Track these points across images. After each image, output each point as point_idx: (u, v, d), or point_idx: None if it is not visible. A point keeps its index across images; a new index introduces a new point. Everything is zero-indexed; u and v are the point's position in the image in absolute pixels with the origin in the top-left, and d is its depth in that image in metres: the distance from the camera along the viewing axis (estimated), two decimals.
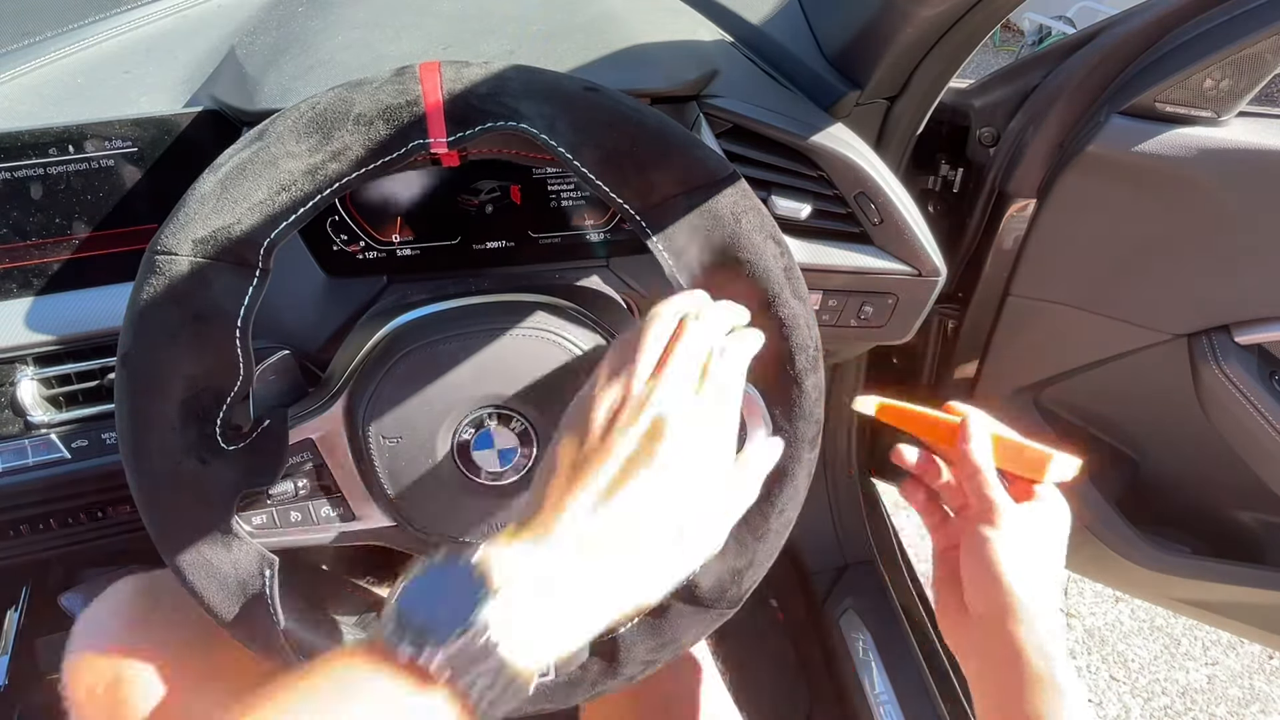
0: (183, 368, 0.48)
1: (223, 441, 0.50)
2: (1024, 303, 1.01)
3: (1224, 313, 0.92)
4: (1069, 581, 1.88)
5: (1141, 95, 0.84)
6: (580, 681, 0.60)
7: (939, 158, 1.01)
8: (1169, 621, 1.76)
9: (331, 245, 0.70)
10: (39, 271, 0.67)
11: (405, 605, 0.35)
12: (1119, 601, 1.83)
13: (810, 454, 0.59)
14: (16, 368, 0.67)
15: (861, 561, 1.51)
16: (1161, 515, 1.05)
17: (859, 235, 0.76)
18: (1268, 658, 1.69)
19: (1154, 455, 1.07)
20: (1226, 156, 0.83)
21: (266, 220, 0.47)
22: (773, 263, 0.53)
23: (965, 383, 1.15)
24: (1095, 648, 1.75)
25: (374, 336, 0.55)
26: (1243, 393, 0.91)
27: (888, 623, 1.38)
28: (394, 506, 0.54)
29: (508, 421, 0.54)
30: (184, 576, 0.51)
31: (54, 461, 0.69)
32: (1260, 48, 0.78)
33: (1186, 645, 1.72)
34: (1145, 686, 1.67)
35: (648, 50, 0.77)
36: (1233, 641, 1.72)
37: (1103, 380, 1.03)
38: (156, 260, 0.46)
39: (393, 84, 0.49)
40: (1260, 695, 1.62)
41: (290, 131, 0.48)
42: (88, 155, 0.65)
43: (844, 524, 1.52)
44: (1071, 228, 0.93)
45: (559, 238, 0.74)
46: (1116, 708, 1.64)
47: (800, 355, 0.55)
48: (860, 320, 0.79)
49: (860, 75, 0.77)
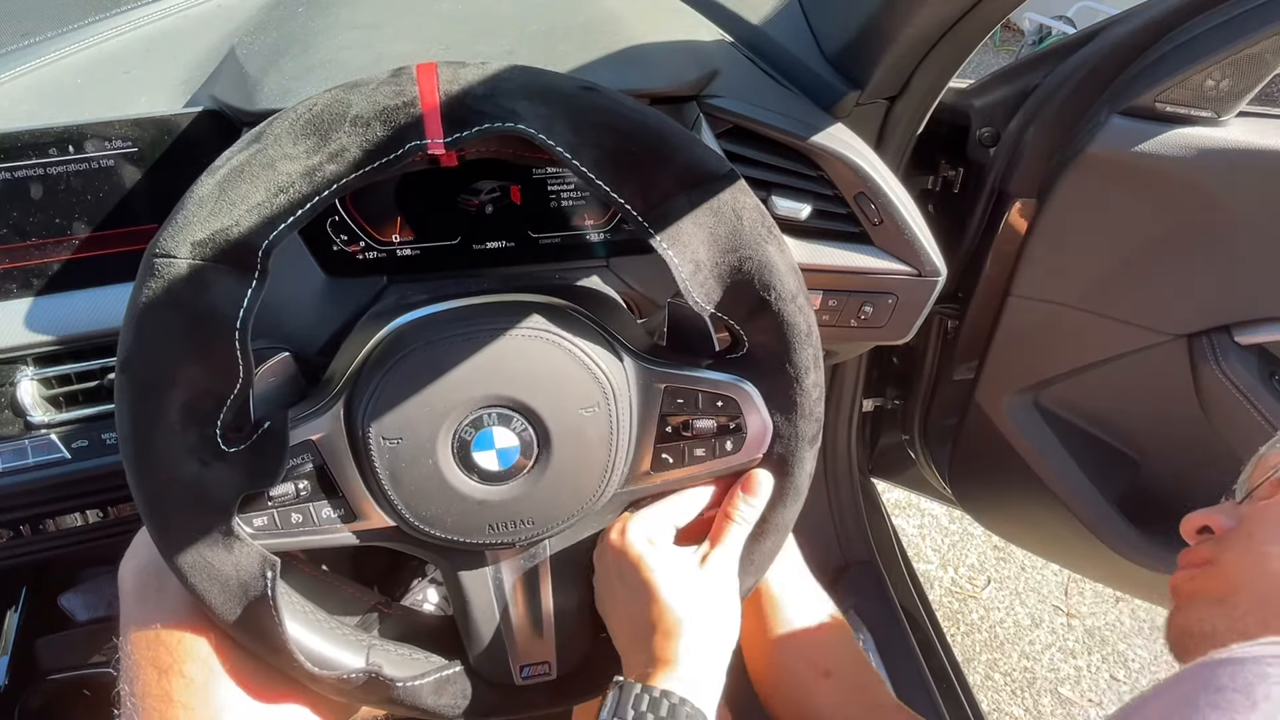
0: (183, 370, 0.47)
1: (223, 444, 0.50)
2: (1024, 303, 1.01)
3: (1224, 313, 0.92)
4: (1069, 581, 1.88)
5: (1141, 95, 0.84)
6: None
7: (939, 158, 1.01)
8: None
9: (331, 245, 0.70)
10: (39, 271, 0.67)
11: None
12: (1119, 601, 1.83)
13: (810, 452, 0.59)
14: (16, 368, 0.67)
15: (861, 561, 1.51)
16: (1161, 515, 1.05)
17: (859, 235, 0.76)
18: None
19: (1154, 455, 1.07)
20: (1226, 156, 0.83)
21: (265, 222, 0.47)
22: (773, 260, 0.53)
23: (965, 383, 1.15)
24: (1095, 648, 1.75)
25: (374, 337, 0.55)
26: (1243, 393, 0.91)
27: (888, 623, 1.38)
28: (394, 507, 0.54)
29: (508, 422, 0.54)
30: (185, 578, 0.51)
31: (54, 461, 0.69)
32: (1260, 48, 0.78)
33: None
34: (1145, 686, 1.67)
35: (647, 50, 0.77)
36: None
37: (1103, 380, 1.03)
38: (155, 263, 0.46)
39: (390, 85, 0.49)
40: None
41: (287, 133, 0.48)
42: (88, 155, 0.65)
43: (844, 524, 1.52)
44: (1071, 228, 0.93)
45: (559, 238, 0.74)
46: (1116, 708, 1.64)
47: (800, 354, 0.55)
48: (860, 320, 0.79)
49: (860, 75, 0.77)
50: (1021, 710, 1.63)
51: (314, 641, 0.56)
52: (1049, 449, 1.09)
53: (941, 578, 1.89)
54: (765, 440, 0.57)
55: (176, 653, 0.54)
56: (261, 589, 0.51)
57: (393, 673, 0.58)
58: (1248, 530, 0.55)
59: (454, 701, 0.61)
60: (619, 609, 0.58)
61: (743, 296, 0.53)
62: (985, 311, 1.05)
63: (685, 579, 0.56)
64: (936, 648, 1.41)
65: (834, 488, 1.49)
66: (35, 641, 1.06)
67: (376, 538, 0.57)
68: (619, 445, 0.56)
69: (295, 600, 0.57)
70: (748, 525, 0.59)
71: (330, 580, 0.63)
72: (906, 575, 1.53)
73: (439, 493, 0.54)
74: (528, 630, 0.61)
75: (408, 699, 0.59)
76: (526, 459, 0.55)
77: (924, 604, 1.49)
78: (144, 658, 0.55)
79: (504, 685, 0.62)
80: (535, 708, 0.64)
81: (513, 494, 0.55)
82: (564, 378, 0.54)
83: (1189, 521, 0.61)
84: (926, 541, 1.97)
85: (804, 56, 0.82)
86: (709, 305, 0.53)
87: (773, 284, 0.53)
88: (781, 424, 0.57)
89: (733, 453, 0.57)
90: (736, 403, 0.56)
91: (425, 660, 0.61)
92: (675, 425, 0.57)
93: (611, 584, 0.58)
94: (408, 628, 0.64)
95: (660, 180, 0.51)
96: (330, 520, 0.55)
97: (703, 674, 0.53)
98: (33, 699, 1.05)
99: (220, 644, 0.55)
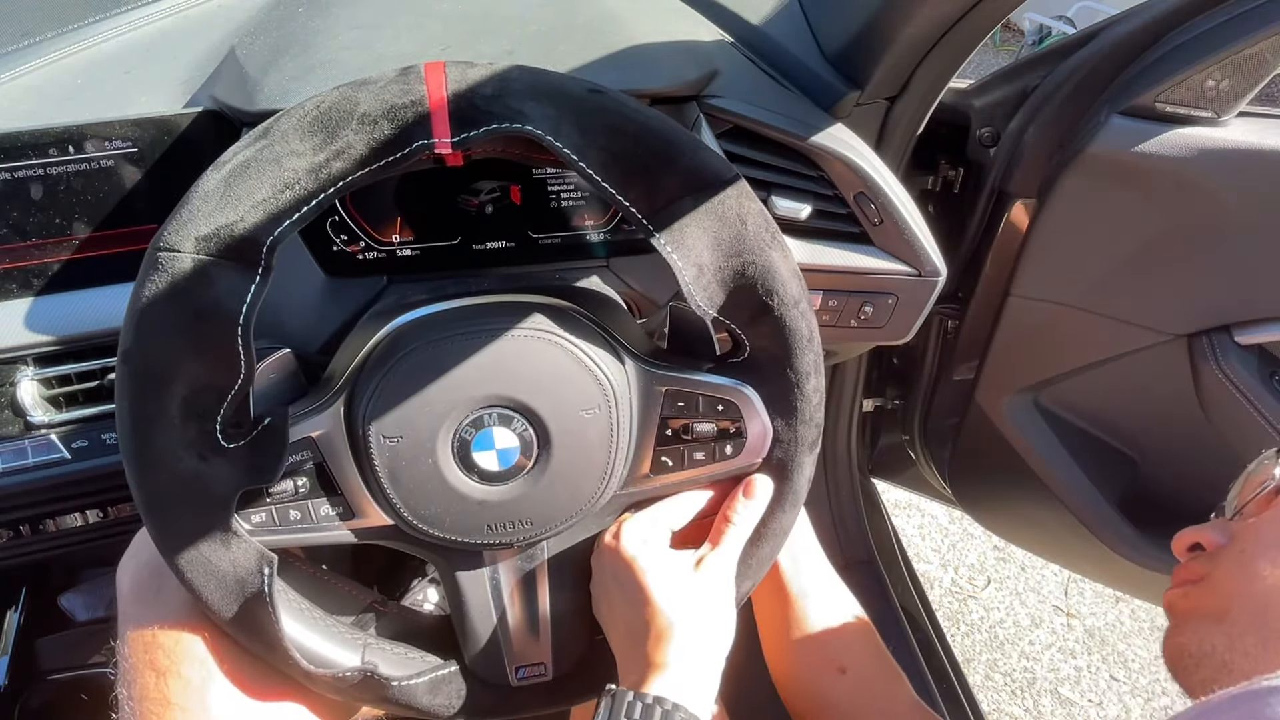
0: (184, 365, 0.47)
1: (223, 439, 0.50)
2: (1024, 303, 1.01)
3: (1224, 313, 0.92)
4: (1069, 581, 1.88)
5: (1141, 95, 0.84)
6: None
7: (939, 158, 1.01)
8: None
9: (331, 245, 0.70)
10: (39, 271, 0.67)
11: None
12: (1119, 601, 1.83)
13: (810, 457, 0.59)
14: (16, 368, 0.67)
15: (861, 561, 1.51)
16: (1161, 515, 1.05)
17: (859, 235, 0.76)
18: None
19: (1154, 455, 1.07)
20: (1226, 156, 0.83)
21: (269, 218, 0.47)
22: (776, 265, 0.53)
23: (965, 383, 1.15)
24: (1095, 648, 1.75)
25: (374, 336, 0.55)
26: (1243, 393, 0.91)
27: (888, 623, 1.38)
28: (393, 506, 0.54)
29: (508, 422, 0.54)
30: (182, 574, 0.51)
31: (54, 462, 0.69)
32: (1260, 48, 0.78)
33: None
34: (1145, 686, 1.67)
35: (648, 50, 0.77)
36: None
37: (1103, 380, 1.03)
38: (159, 257, 0.46)
39: (398, 83, 0.49)
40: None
41: (294, 130, 0.48)
42: (88, 155, 0.65)
43: (844, 524, 1.52)
44: (1071, 228, 0.93)
45: (559, 238, 0.74)
46: (1116, 708, 1.64)
47: (801, 359, 0.55)
48: (860, 320, 0.79)
49: (860, 75, 0.77)
50: (1022, 710, 1.63)
51: (310, 639, 0.56)
52: (1049, 449, 1.09)
53: (941, 578, 1.89)
54: (765, 445, 0.57)
55: (174, 655, 0.54)
56: (258, 585, 0.51)
57: (388, 671, 0.58)
58: (1239, 547, 0.55)
59: (449, 701, 0.61)
60: (615, 611, 0.58)
61: (745, 301, 0.53)
62: (985, 311, 1.05)
63: (681, 582, 0.56)
64: (936, 648, 1.41)
65: (834, 488, 1.49)
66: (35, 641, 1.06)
67: (374, 536, 0.57)
68: (619, 447, 0.56)
69: (292, 598, 0.57)
70: (746, 530, 0.59)
71: (327, 578, 0.63)
72: (906, 575, 1.53)
73: (438, 492, 0.54)
74: (524, 631, 0.61)
75: (403, 698, 0.59)
76: (526, 460, 0.55)
77: (924, 604, 1.49)
78: (141, 660, 0.55)
79: (499, 686, 0.62)
80: (530, 708, 0.64)
81: (512, 494, 0.55)
82: (565, 379, 0.54)
83: (1180, 539, 0.61)
84: (926, 541, 1.97)
85: (804, 56, 0.82)
86: (711, 309, 0.53)
87: (775, 289, 0.53)
88: (781, 429, 0.57)
89: (732, 457, 0.57)
90: (737, 407, 0.56)
91: (421, 659, 0.61)
92: (675, 428, 0.57)
93: (607, 586, 0.59)
94: (404, 627, 0.64)
95: (666, 184, 0.51)
96: (329, 518, 0.55)
97: (696, 678, 0.53)
98: (33, 699, 1.05)
99: (218, 645, 0.55)
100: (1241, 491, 0.61)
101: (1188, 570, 0.59)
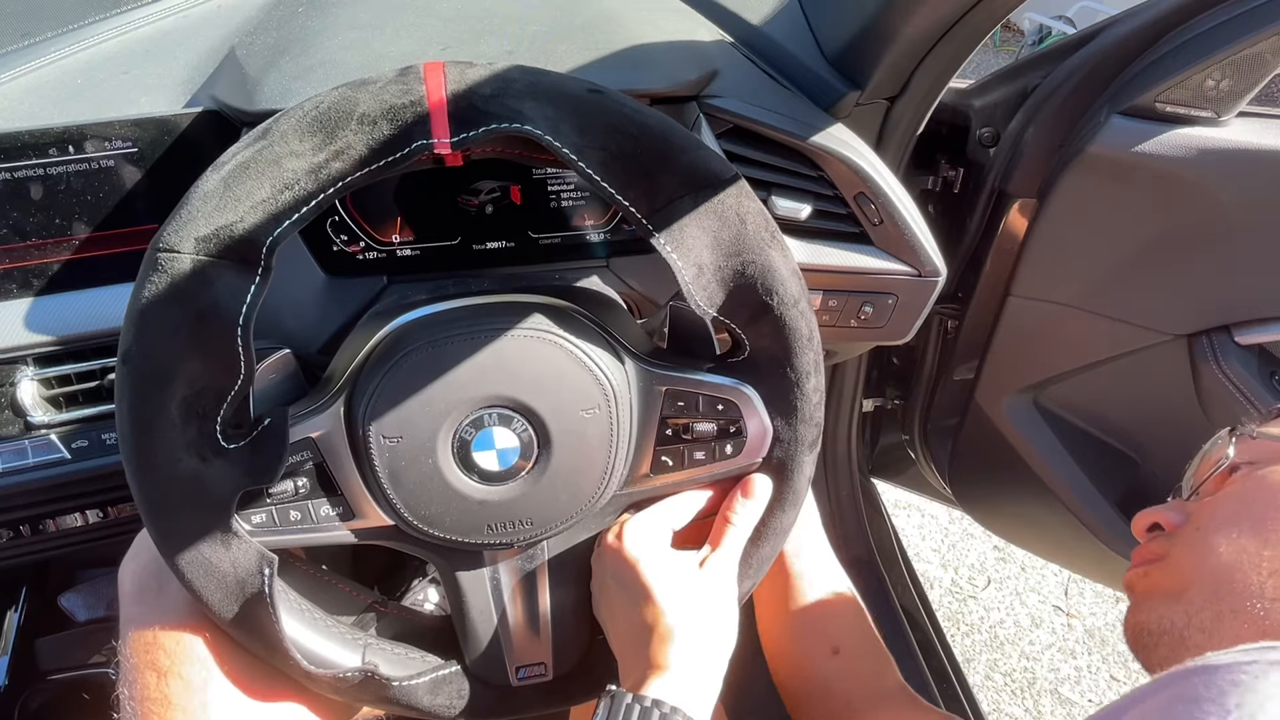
0: (184, 365, 0.47)
1: (223, 440, 0.50)
2: (1024, 303, 1.01)
3: (1224, 313, 0.92)
4: (1069, 581, 1.88)
5: (1141, 95, 0.84)
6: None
7: (939, 158, 1.01)
8: None
9: (331, 245, 0.70)
10: (39, 271, 0.67)
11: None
12: (1119, 601, 1.83)
13: (810, 457, 0.59)
14: (16, 368, 0.67)
15: (861, 561, 1.51)
16: None
17: (859, 235, 0.76)
18: None
19: (1154, 455, 1.07)
20: (1226, 156, 0.83)
21: (269, 219, 0.47)
22: (776, 265, 0.53)
23: (965, 383, 1.15)
24: (1095, 648, 1.75)
25: (375, 336, 0.55)
26: (1243, 393, 0.91)
27: (887, 623, 1.38)
28: (393, 506, 0.54)
29: (508, 422, 0.54)
30: (183, 575, 0.51)
31: (54, 462, 0.69)
32: (1260, 48, 0.78)
33: None
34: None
35: (648, 50, 0.77)
36: None
37: (1103, 380, 1.03)
38: (159, 257, 0.46)
39: (397, 84, 0.49)
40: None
41: (294, 130, 0.48)
42: (88, 155, 0.65)
43: (844, 524, 1.52)
44: (1071, 228, 0.93)
45: (559, 238, 0.74)
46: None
47: (801, 359, 0.55)
48: (860, 320, 0.79)
49: (860, 75, 0.77)
50: (1022, 710, 1.63)
51: (310, 639, 0.56)
52: (1049, 449, 1.09)
53: (941, 578, 1.89)
54: (765, 444, 0.57)
55: (175, 655, 0.54)
56: (259, 586, 0.51)
57: (388, 672, 0.58)
58: (1195, 525, 0.55)
59: (449, 701, 0.61)
60: (615, 612, 0.58)
61: (745, 300, 0.53)
62: (985, 311, 1.06)
63: (682, 582, 0.56)
64: (936, 648, 1.41)
65: (834, 488, 1.49)
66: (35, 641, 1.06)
67: (375, 536, 0.57)
68: (619, 447, 0.56)
69: (292, 598, 0.57)
70: (747, 529, 0.59)
71: (328, 578, 0.63)
72: (906, 575, 1.53)
73: (438, 492, 0.54)
74: (524, 631, 0.61)
75: (403, 698, 0.59)
76: (526, 460, 0.55)
77: (924, 604, 1.49)
78: (142, 660, 0.55)
79: (500, 686, 0.62)
80: (531, 709, 0.64)
81: (512, 494, 0.55)
82: (565, 379, 0.54)
83: (1139, 520, 0.62)
84: (926, 541, 1.97)
85: (804, 56, 0.82)
86: (711, 309, 0.53)
87: (775, 289, 0.53)
88: (781, 428, 0.57)
89: (732, 456, 0.57)
90: (737, 406, 0.56)
91: (421, 660, 0.61)
92: (675, 428, 0.57)
93: (608, 586, 0.59)
94: (404, 627, 0.64)
95: (665, 183, 0.51)
96: (329, 518, 0.55)
97: (697, 679, 0.53)
98: (33, 699, 1.05)
99: (219, 646, 0.55)
100: (1197, 471, 0.62)
101: (1147, 550, 0.59)
